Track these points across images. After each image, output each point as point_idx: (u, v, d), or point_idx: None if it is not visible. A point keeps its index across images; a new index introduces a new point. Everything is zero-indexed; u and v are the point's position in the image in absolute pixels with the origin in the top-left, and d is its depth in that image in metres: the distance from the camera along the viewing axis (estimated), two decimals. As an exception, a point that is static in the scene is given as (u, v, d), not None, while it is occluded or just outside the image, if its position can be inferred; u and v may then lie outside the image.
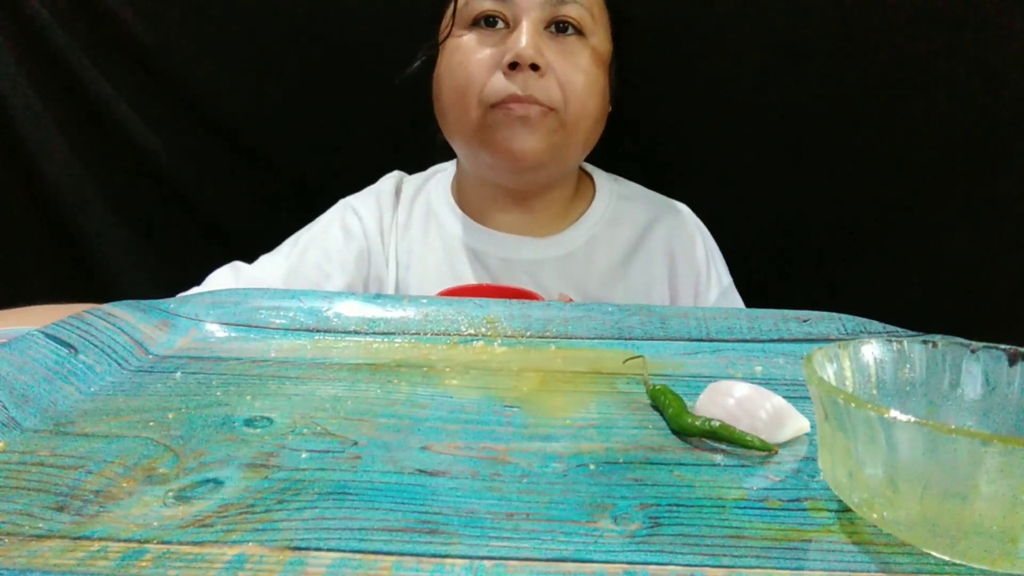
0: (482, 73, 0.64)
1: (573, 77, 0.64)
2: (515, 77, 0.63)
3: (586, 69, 0.65)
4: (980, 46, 0.74)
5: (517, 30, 0.63)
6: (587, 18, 0.65)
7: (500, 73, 0.63)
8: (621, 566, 0.25)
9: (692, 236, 0.75)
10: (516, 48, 0.62)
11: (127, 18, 0.80)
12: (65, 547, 0.26)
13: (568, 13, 0.64)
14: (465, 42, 0.65)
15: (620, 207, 0.74)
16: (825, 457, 0.29)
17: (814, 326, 0.49)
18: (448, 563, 0.25)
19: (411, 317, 0.51)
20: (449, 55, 0.67)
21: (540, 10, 0.63)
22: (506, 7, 0.64)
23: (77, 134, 0.83)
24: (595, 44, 0.66)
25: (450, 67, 0.66)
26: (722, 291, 0.74)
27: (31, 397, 0.37)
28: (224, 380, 0.41)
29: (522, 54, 0.62)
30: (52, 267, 0.86)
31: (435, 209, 0.75)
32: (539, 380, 0.42)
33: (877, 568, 0.26)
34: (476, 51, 0.65)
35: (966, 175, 0.79)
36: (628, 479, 0.31)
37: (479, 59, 0.64)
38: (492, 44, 0.65)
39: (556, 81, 0.64)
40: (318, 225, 0.74)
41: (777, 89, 0.80)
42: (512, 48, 0.62)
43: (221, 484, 0.30)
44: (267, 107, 0.86)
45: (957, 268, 0.81)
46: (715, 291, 0.73)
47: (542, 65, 0.62)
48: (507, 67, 0.62)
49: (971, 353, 0.32)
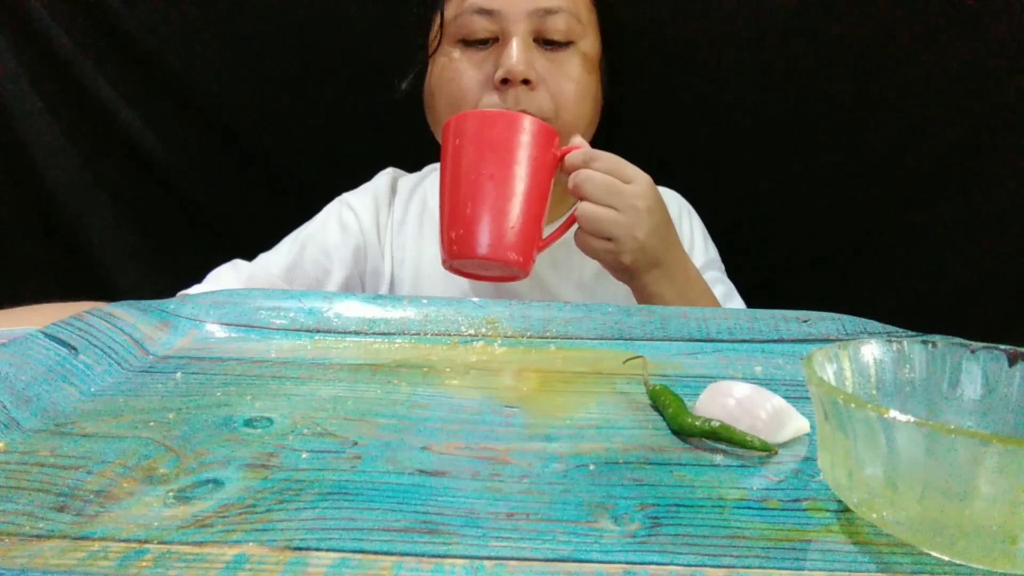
0: (473, 90, 0.64)
1: (564, 87, 0.65)
2: (507, 92, 0.63)
3: (577, 78, 0.65)
4: (980, 47, 0.74)
5: (507, 46, 0.63)
6: (575, 26, 0.65)
7: (492, 89, 0.63)
8: (621, 566, 0.25)
9: (679, 213, 0.76)
10: (507, 64, 0.62)
11: (127, 19, 0.80)
12: (65, 547, 0.26)
13: (556, 24, 0.64)
14: (455, 58, 0.65)
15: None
16: (825, 457, 0.29)
17: (814, 326, 0.49)
18: (448, 563, 0.25)
19: (411, 317, 0.51)
20: (440, 70, 0.67)
21: (528, 23, 0.63)
22: (494, 22, 0.64)
23: (77, 134, 0.83)
24: (584, 49, 0.66)
25: (441, 82, 0.66)
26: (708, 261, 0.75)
27: (31, 397, 0.37)
28: (224, 380, 0.41)
29: (513, 70, 0.62)
30: (52, 267, 0.86)
31: (430, 205, 0.76)
32: (539, 380, 0.42)
33: (877, 568, 0.26)
34: (466, 68, 0.65)
35: (966, 175, 0.79)
36: (628, 479, 0.31)
37: (470, 76, 0.64)
38: (482, 60, 0.65)
39: (548, 93, 0.64)
40: (316, 222, 0.75)
41: (776, 90, 0.80)
42: (503, 64, 0.62)
43: (221, 484, 0.30)
44: (267, 107, 0.86)
45: (957, 268, 0.81)
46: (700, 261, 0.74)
47: (533, 79, 0.63)
48: (499, 83, 0.62)
49: (971, 353, 0.32)
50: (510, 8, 0.63)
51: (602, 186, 0.57)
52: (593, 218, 0.57)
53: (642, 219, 0.57)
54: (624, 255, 0.58)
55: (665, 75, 0.81)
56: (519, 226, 0.56)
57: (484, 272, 0.60)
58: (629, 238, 0.57)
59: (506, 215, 0.56)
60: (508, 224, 0.56)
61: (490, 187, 0.56)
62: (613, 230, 0.57)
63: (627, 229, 0.57)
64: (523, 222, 0.56)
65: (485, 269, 0.59)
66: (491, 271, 0.59)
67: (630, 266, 0.58)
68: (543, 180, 0.58)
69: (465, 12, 0.64)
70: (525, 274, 0.58)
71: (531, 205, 0.57)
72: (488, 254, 0.55)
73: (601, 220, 0.57)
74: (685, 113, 0.82)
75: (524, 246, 0.56)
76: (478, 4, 0.63)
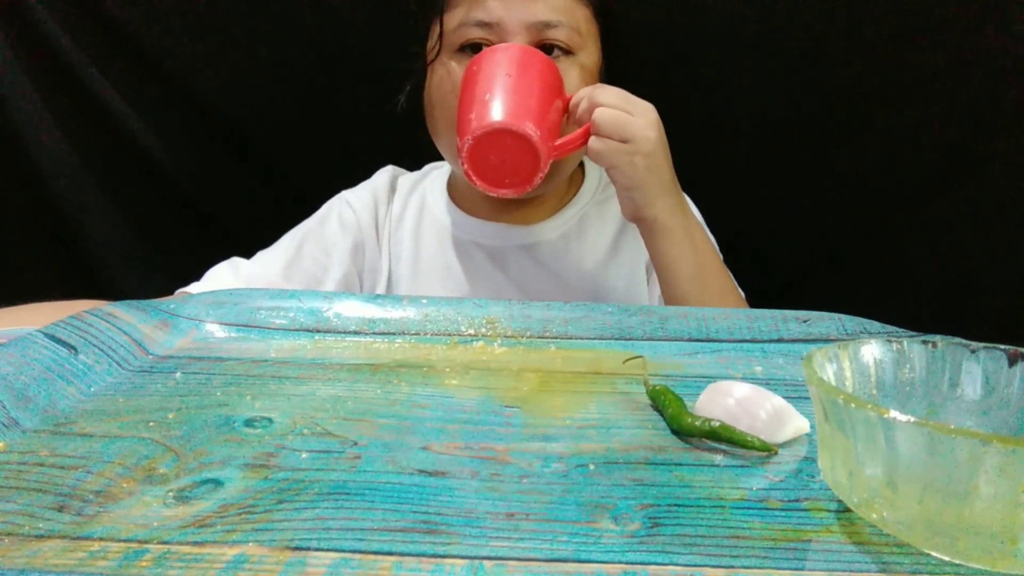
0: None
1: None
2: None
3: (576, 89, 0.65)
4: (981, 48, 0.74)
5: None
6: (574, 37, 0.65)
7: None
8: (621, 566, 0.25)
9: None
10: None
11: (128, 19, 0.80)
12: (65, 547, 0.26)
13: (555, 36, 0.64)
14: (453, 69, 0.65)
15: (608, 188, 0.75)
16: (825, 457, 0.29)
17: (814, 326, 0.49)
18: (448, 563, 0.25)
19: (411, 317, 0.51)
20: (439, 81, 0.67)
21: (527, 34, 0.64)
22: (493, 33, 0.64)
23: (78, 134, 0.83)
24: (583, 60, 0.67)
25: (441, 93, 0.66)
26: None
27: (31, 397, 0.37)
28: (224, 380, 0.41)
29: None
30: (52, 267, 0.86)
31: (429, 203, 0.76)
32: (539, 380, 0.42)
33: (877, 568, 0.26)
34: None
35: (966, 175, 0.79)
36: (628, 479, 0.31)
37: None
38: None
39: None
40: (315, 219, 0.75)
41: (776, 91, 0.80)
42: None
43: (221, 484, 0.30)
44: (267, 107, 0.86)
45: (957, 268, 0.81)
46: None
47: None
48: None
49: (971, 353, 0.32)
50: (510, 21, 0.63)
51: (615, 94, 0.60)
52: (611, 119, 0.59)
53: (654, 123, 0.60)
54: (639, 156, 0.59)
55: (666, 75, 0.81)
56: (535, 112, 0.58)
57: (501, 174, 0.59)
58: (644, 138, 0.59)
59: (523, 98, 0.58)
60: (525, 105, 0.58)
61: (508, 80, 0.59)
62: (629, 129, 0.59)
63: (642, 129, 0.59)
64: (539, 112, 0.58)
65: (502, 165, 0.59)
66: (507, 170, 0.59)
67: (644, 175, 0.59)
68: (554, 99, 0.61)
69: (465, 24, 0.64)
70: (541, 168, 0.58)
71: (545, 107, 0.59)
72: (507, 121, 0.56)
73: (618, 121, 0.59)
74: (684, 115, 0.82)
75: (541, 131, 0.57)
76: (478, 17, 0.64)
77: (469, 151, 0.58)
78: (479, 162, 0.58)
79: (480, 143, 0.57)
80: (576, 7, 0.66)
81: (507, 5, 0.63)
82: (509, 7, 0.63)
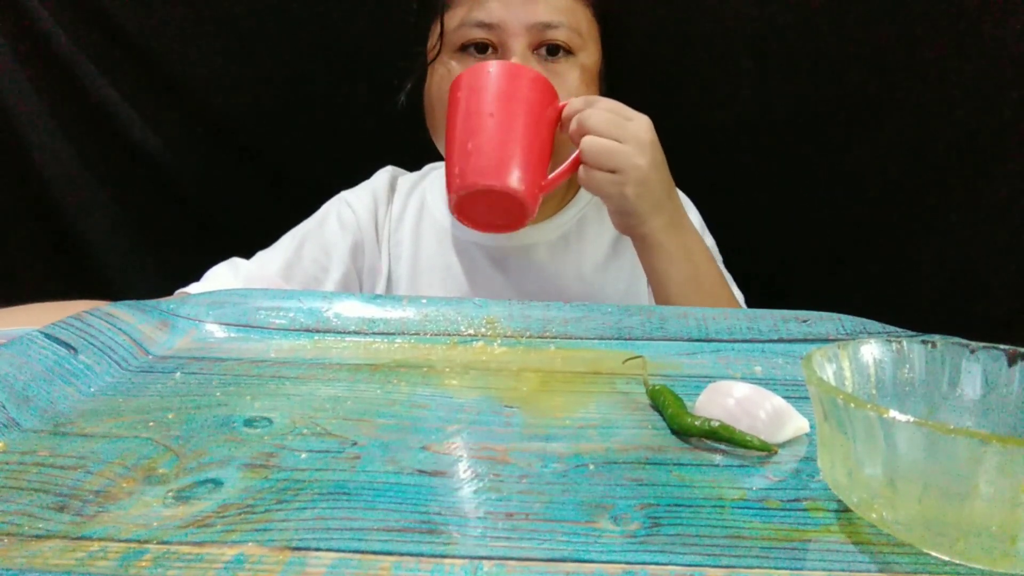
0: None
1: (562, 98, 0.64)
2: None
3: (575, 90, 0.65)
4: (981, 48, 0.74)
5: (506, 57, 0.63)
6: (575, 38, 0.65)
7: None
8: (621, 566, 0.25)
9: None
10: None
11: (127, 19, 0.80)
12: (65, 547, 0.26)
13: (556, 36, 0.64)
14: (454, 68, 0.65)
15: None
16: (825, 457, 0.29)
17: (813, 326, 0.49)
18: (448, 563, 0.25)
19: (411, 317, 0.51)
20: (439, 80, 0.67)
21: (528, 35, 0.64)
22: (494, 34, 0.64)
23: (77, 134, 0.83)
24: (584, 61, 0.67)
25: (441, 93, 0.66)
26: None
27: (31, 397, 0.37)
28: (224, 380, 0.41)
29: None
30: (52, 267, 0.86)
31: (428, 203, 0.76)
32: (539, 380, 0.42)
33: (877, 568, 0.26)
34: None
35: (966, 176, 0.79)
36: (628, 479, 0.31)
37: None
38: None
39: None
40: (314, 219, 0.75)
41: (777, 91, 0.80)
42: None
43: (221, 484, 0.30)
44: (267, 107, 0.86)
45: (957, 268, 0.81)
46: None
47: None
48: None
49: (970, 353, 0.32)
50: (510, 22, 0.63)
51: (605, 120, 0.59)
52: (598, 149, 0.58)
53: (645, 149, 0.58)
54: (628, 186, 0.58)
55: (666, 75, 0.81)
56: (520, 158, 0.57)
57: (492, 217, 0.60)
58: (633, 168, 0.58)
59: (506, 146, 0.57)
60: (508, 155, 0.57)
61: (490, 123, 0.58)
62: (617, 160, 0.58)
63: (630, 158, 0.58)
64: (524, 156, 0.58)
65: (491, 211, 0.59)
66: (497, 215, 0.59)
67: (635, 202, 0.59)
68: (542, 124, 0.60)
69: (466, 24, 0.64)
70: (530, 212, 0.58)
71: (532, 143, 0.58)
72: (489, 182, 0.56)
73: (606, 151, 0.58)
74: (685, 114, 0.82)
75: (526, 178, 0.57)
76: (479, 17, 0.64)
77: (456, 205, 0.59)
78: (468, 211, 0.60)
79: (466, 200, 0.58)
80: (577, 8, 0.66)
81: (508, 6, 0.63)
82: (510, 8, 0.63)
